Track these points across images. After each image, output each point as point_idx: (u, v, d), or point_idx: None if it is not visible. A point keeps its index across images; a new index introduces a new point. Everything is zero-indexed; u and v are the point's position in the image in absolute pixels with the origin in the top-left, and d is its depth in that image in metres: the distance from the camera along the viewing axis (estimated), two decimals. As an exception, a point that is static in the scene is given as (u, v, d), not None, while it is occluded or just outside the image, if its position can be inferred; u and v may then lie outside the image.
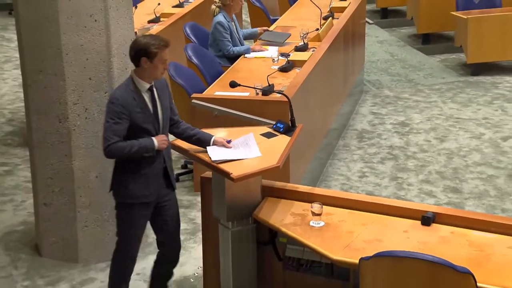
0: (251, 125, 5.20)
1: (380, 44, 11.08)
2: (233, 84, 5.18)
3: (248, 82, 5.63)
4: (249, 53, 7.25)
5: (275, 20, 8.71)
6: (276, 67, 6.75)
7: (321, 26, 7.68)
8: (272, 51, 7.26)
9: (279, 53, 7.14)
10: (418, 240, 4.07)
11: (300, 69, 6.61)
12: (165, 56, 4.30)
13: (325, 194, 4.59)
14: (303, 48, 7.17)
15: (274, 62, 6.92)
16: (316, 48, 7.12)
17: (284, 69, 6.66)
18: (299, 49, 7.17)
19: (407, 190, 6.60)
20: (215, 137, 4.54)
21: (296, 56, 6.99)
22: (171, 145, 4.61)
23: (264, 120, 5.63)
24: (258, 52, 7.27)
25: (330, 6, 8.59)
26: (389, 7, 12.30)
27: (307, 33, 7.34)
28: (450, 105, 8.62)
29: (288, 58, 6.89)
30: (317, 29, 7.60)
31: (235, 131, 4.78)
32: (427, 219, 4.22)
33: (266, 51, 7.27)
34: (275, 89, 6.08)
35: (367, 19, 10.72)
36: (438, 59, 10.44)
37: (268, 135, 4.78)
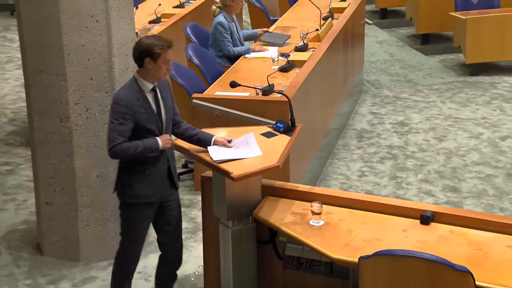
0: (252, 125, 5.20)
1: (379, 45, 11.08)
2: (234, 84, 5.18)
3: (248, 82, 5.63)
4: (249, 53, 7.25)
5: (275, 21, 8.71)
6: (276, 67, 6.75)
7: (321, 27, 7.67)
8: (272, 51, 7.26)
9: (279, 53, 7.14)
10: (417, 239, 4.07)
11: (300, 69, 6.61)
12: (168, 56, 4.29)
13: (324, 193, 4.59)
14: (303, 49, 7.17)
15: (274, 62, 6.92)
16: (316, 48, 7.12)
17: (284, 69, 6.66)
18: (299, 49, 7.17)
19: (406, 189, 6.60)
20: (215, 137, 4.53)
21: (296, 56, 6.99)
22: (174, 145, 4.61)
23: (264, 120, 5.63)
24: (258, 52, 7.27)
25: (330, 7, 8.59)
26: (388, 8, 12.30)
27: (307, 34, 7.34)
28: (449, 105, 8.62)
29: (288, 58, 6.89)
30: (317, 30, 7.60)
31: (236, 130, 4.78)
32: (426, 218, 4.22)
33: (266, 52, 7.27)
34: (275, 89, 6.08)
35: (366, 19, 10.72)
36: (437, 59, 10.43)
37: (268, 135, 4.78)
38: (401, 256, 3.60)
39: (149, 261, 5.21)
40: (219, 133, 4.68)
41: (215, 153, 4.43)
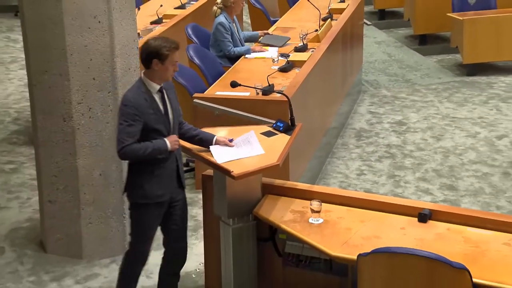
0: (252, 124, 5.20)
1: (377, 45, 11.08)
2: (234, 84, 5.18)
3: (248, 82, 5.63)
4: (249, 53, 7.24)
5: (275, 21, 8.71)
6: (276, 67, 6.75)
7: (320, 27, 7.67)
8: (272, 51, 7.25)
9: (279, 54, 7.13)
10: (415, 237, 4.07)
11: (299, 69, 6.61)
12: (175, 58, 4.27)
13: (324, 192, 4.59)
14: (302, 49, 7.17)
15: (274, 62, 6.92)
16: (315, 48, 7.12)
17: (284, 69, 6.66)
18: (298, 49, 7.17)
19: (404, 187, 6.60)
20: (217, 137, 4.53)
21: (295, 56, 6.99)
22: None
23: (264, 119, 5.63)
24: (259, 52, 7.27)
25: (329, 8, 8.59)
26: (386, 9, 12.29)
27: (307, 34, 7.34)
28: (446, 105, 8.62)
29: (287, 59, 6.89)
30: (316, 30, 7.59)
31: (236, 130, 4.78)
32: (424, 216, 4.22)
33: (266, 52, 7.26)
34: (275, 89, 6.07)
35: (365, 20, 10.71)
36: (434, 60, 10.43)
37: (268, 134, 4.78)
38: (399, 254, 3.60)
39: (151, 258, 5.19)
40: (220, 132, 4.68)
41: (218, 154, 4.42)
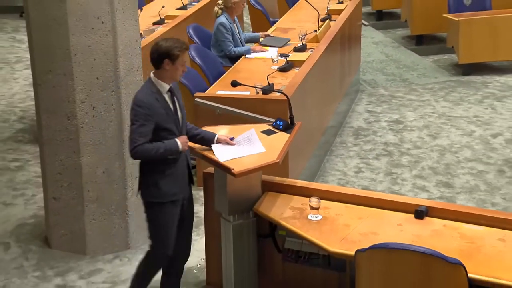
0: (252, 123, 5.20)
1: (375, 45, 11.07)
2: (235, 84, 5.18)
3: (249, 82, 5.64)
4: (249, 53, 7.24)
5: (274, 22, 8.70)
6: (276, 67, 6.74)
7: (319, 28, 7.67)
8: (272, 52, 7.25)
9: (279, 54, 7.13)
10: (412, 233, 4.07)
11: (298, 69, 6.60)
12: (185, 58, 4.29)
13: (322, 189, 4.60)
14: (301, 49, 7.17)
15: (274, 62, 6.92)
16: (314, 49, 7.11)
17: (283, 69, 6.65)
18: (297, 50, 7.17)
19: (401, 185, 6.60)
20: (218, 135, 4.53)
21: (295, 56, 6.98)
22: None
23: (264, 118, 5.63)
24: (259, 52, 7.26)
25: (328, 9, 8.58)
26: (384, 10, 12.27)
27: (306, 35, 7.33)
28: (442, 104, 8.62)
29: (287, 59, 6.89)
30: (315, 31, 7.59)
31: (237, 128, 4.78)
32: (420, 213, 4.22)
33: (266, 52, 7.26)
34: (274, 88, 6.07)
35: (363, 21, 10.70)
36: (431, 60, 10.42)
37: (268, 132, 4.78)
38: (396, 249, 3.61)
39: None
40: (221, 130, 4.68)
41: (220, 153, 4.41)
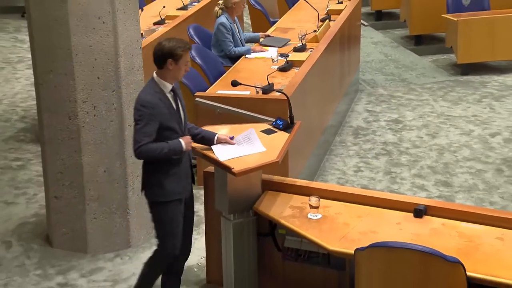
0: (252, 122, 5.19)
1: (374, 45, 11.06)
2: (235, 83, 5.17)
3: (249, 81, 5.63)
4: (249, 53, 7.24)
5: (274, 22, 8.70)
6: (276, 67, 6.74)
7: (319, 28, 7.66)
8: (271, 51, 7.24)
9: (279, 54, 7.13)
10: (411, 232, 4.06)
11: (298, 69, 6.60)
12: (188, 58, 4.28)
13: (322, 188, 4.59)
14: (301, 49, 7.16)
15: (274, 62, 6.91)
16: (313, 49, 7.11)
17: (283, 69, 6.65)
18: (297, 49, 7.16)
19: (400, 184, 6.59)
20: (218, 135, 4.52)
21: (294, 56, 6.98)
22: None
23: (264, 118, 5.62)
24: (259, 52, 7.26)
25: (327, 9, 8.58)
26: (383, 10, 12.27)
27: (305, 35, 7.33)
28: (441, 103, 8.61)
29: (287, 59, 6.88)
30: (315, 31, 7.59)
31: (237, 127, 4.77)
32: (419, 212, 4.22)
33: (266, 52, 7.26)
34: (274, 88, 6.07)
35: (362, 21, 10.70)
36: (429, 60, 10.41)
37: (268, 132, 4.78)
38: (395, 248, 3.60)
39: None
40: (221, 130, 4.67)
41: (220, 153, 4.41)
